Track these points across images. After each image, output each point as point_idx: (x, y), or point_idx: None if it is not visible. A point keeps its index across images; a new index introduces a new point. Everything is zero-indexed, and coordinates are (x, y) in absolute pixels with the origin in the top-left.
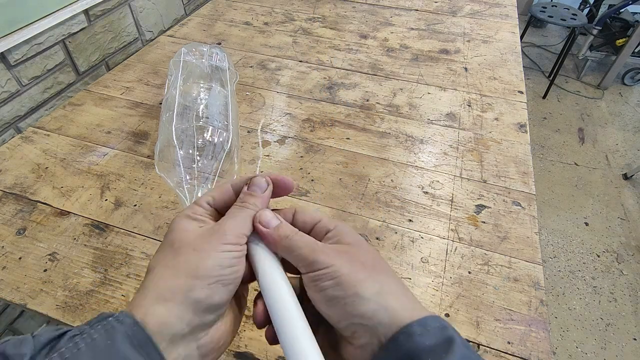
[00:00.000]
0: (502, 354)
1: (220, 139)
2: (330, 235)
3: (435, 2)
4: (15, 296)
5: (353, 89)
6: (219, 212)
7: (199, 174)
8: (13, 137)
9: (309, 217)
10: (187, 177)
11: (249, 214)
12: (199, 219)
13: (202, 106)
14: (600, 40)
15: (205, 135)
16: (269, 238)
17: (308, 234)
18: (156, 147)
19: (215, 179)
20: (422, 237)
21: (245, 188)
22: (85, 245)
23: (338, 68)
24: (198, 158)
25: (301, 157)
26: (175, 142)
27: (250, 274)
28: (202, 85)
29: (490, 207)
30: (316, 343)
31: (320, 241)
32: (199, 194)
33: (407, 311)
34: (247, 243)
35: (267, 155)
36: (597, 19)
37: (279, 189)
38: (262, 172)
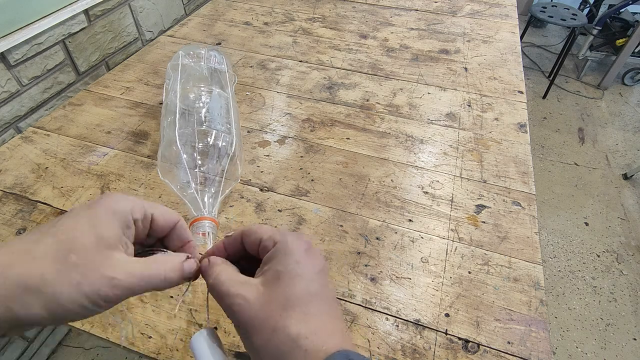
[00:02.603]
0: (502, 354)
1: (224, 143)
2: (266, 259)
3: (435, 2)
4: None
5: (353, 89)
6: (152, 230)
7: (203, 179)
8: (13, 137)
9: (253, 236)
10: (192, 182)
11: (157, 281)
12: (126, 239)
13: (204, 110)
14: (600, 40)
15: (208, 139)
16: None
17: (256, 254)
18: (159, 152)
19: (222, 182)
20: (422, 237)
21: (183, 258)
22: None
23: (338, 68)
24: (201, 162)
25: (301, 157)
26: (180, 147)
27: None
28: (202, 88)
29: (490, 207)
30: None
31: (262, 260)
32: (205, 199)
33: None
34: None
35: (267, 155)
36: (597, 19)
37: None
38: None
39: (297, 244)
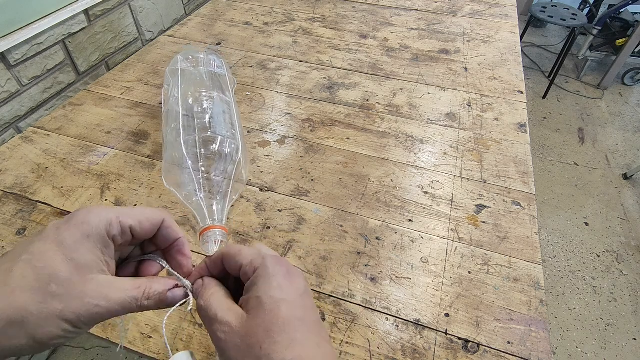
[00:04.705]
0: (502, 354)
1: (229, 149)
2: (248, 286)
3: (435, 2)
4: None
5: (353, 89)
6: (135, 237)
7: (210, 186)
8: (13, 137)
9: (233, 261)
10: (198, 190)
11: (132, 307)
12: (106, 257)
13: (207, 116)
14: (600, 40)
15: (213, 145)
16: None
17: (239, 276)
18: (163, 160)
19: (230, 188)
20: (422, 237)
21: (170, 287)
22: None
23: (338, 68)
24: (207, 169)
25: (301, 157)
26: (186, 154)
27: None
28: (203, 94)
29: (490, 207)
30: None
31: (244, 286)
32: (213, 207)
33: None
34: None
35: (267, 155)
36: (597, 19)
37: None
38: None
39: (277, 269)
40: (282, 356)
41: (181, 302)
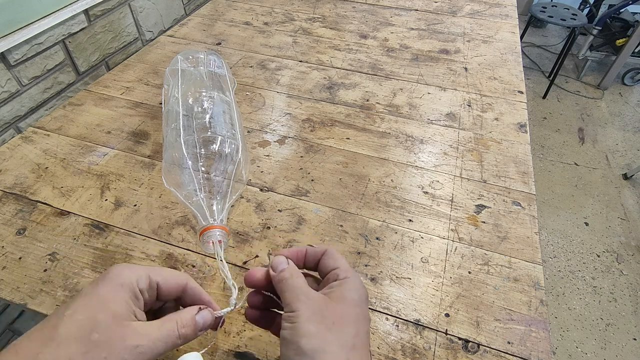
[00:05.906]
0: (502, 354)
1: (229, 149)
2: (333, 284)
3: (435, 2)
4: (15, 296)
5: (353, 89)
6: (160, 296)
7: (210, 186)
8: (13, 137)
9: (332, 261)
10: (199, 190)
11: (173, 339)
12: (136, 308)
13: (207, 116)
14: (600, 40)
15: (214, 145)
16: (273, 279)
17: (324, 276)
18: (163, 161)
19: (230, 188)
20: (422, 237)
21: (195, 311)
22: (85, 245)
23: (338, 68)
24: (207, 169)
25: (301, 157)
26: (186, 154)
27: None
28: (204, 94)
29: (490, 207)
30: None
31: (327, 284)
32: (213, 207)
33: None
34: None
35: (267, 155)
36: (597, 19)
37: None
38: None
39: (364, 290)
40: (350, 338)
41: (224, 312)
